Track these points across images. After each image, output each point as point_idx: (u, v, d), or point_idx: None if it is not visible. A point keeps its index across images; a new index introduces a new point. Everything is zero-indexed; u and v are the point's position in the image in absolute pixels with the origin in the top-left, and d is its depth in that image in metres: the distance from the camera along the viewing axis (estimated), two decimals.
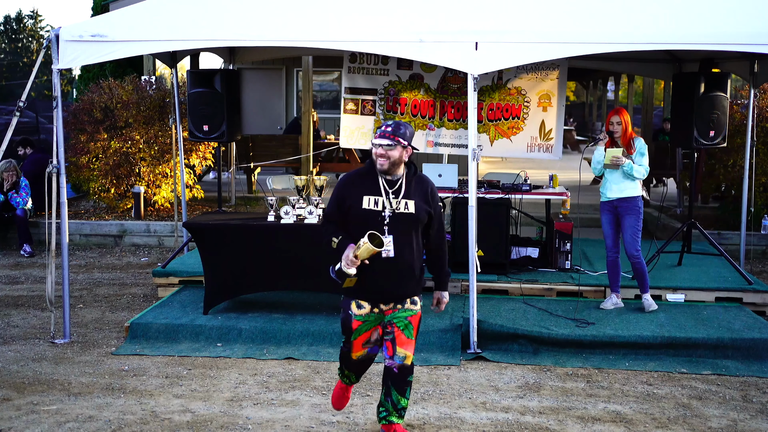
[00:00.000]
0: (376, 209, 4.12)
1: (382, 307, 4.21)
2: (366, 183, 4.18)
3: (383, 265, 4.11)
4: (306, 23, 6.18)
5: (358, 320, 4.22)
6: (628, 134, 6.63)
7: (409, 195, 4.18)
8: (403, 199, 4.16)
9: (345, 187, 4.20)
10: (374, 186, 4.16)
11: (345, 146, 9.53)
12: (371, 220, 4.11)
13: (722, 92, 7.47)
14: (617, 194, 6.59)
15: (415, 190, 4.20)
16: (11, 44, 51.19)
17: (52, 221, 6.11)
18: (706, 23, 5.99)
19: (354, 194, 4.15)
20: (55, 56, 6.06)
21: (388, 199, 4.14)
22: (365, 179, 4.20)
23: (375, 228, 4.07)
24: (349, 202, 4.14)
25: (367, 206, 4.12)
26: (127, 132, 10.49)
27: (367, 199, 4.13)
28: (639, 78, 15.06)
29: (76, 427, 4.61)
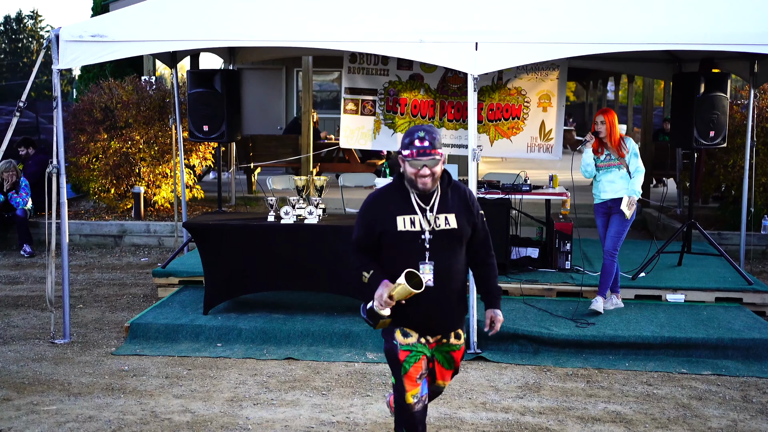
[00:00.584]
0: (414, 230, 3.61)
1: (429, 339, 3.73)
2: (396, 201, 3.67)
3: (428, 294, 3.59)
4: (306, 23, 6.18)
5: (406, 350, 3.68)
6: (616, 135, 6.57)
7: (448, 207, 3.67)
8: (441, 213, 3.65)
9: (373, 210, 3.70)
10: (406, 203, 3.65)
11: (345, 146, 9.54)
12: (410, 243, 3.61)
13: (722, 92, 7.47)
14: (611, 195, 6.57)
15: (453, 201, 3.70)
16: (11, 44, 51.18)
17: (52, 221, 6.11)
18: (706, 23, 5.99)
19: (385, 217, 3.65)
20: (55, 56, 6.06)
21: (425, 217, 3.63)
22: (393, 197, 3.69)
23: (415, 252, 3.60)
24: (381, 226, 3.65)
25: (403, 228, 3.61)
26: (127, 132, 10.49)
27: (402, 220, 3.62)
28: (639, 78, 15.06)
29: (76, 427, 4.61)
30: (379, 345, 6.03)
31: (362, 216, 3.74)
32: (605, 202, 6.62)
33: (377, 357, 5.86)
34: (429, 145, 3.54)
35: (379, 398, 5.09)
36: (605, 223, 6.67)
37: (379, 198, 3.74)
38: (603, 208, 6.66)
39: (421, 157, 3.54)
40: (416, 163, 3.55)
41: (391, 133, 9.10)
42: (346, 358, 5.84)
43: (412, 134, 3.58)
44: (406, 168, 3.59)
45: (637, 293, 7.05)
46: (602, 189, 6.63)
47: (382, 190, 3.77)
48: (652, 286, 7.09)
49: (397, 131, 9.08)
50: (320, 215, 6.54)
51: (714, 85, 7.45)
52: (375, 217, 3.68)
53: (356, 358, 5.84)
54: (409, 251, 3.60)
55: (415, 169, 3.56)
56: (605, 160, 6.60)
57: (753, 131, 7.96)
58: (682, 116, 7.60)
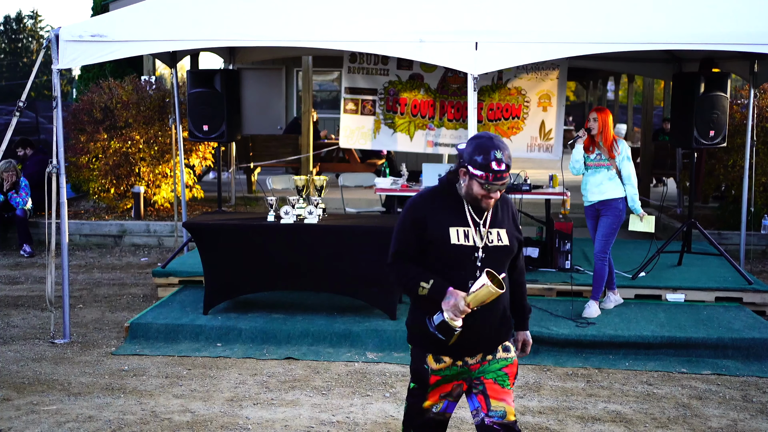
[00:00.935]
0: (467, 244, 3.21)
1: (468, 361, 3.29)
2: (447, 209, 3.26)
3: (470, 316, 3.19)
4: (306, 23, 6.18)
5: (438, 375, 3.30)
6: (609, 135, 6.49)
7: (498, 222, 3.31)
8: (493, 228, 3.29)
9: (423, 214, 3.25)
10: (460, 214, 3.25)
11: (345, 146, 9.54)
12: (462, 259, 3.21)
13: (722, 92, 7.47)
14: (598, 197, 6.52)
15: (503, 215, 3.35)
16: (11, 44, 51.18)
17: (52, 221, 6.11)
18: (706, 23, 5.99)
19: (437, 224, 3.22)
20: (54, 56, 6.06)
21: (478, 231, 3.24)
22: (446, 205, 3.27)
23: (467, 270, 3.21)
24: (432, 234, 3.21)
25: (457, 241, 3.20)
26: (127, 132, 10.49)
27: (455, 232, 3.21)
28: (639, 78, 15.06)
29: (76, 427, 4.61)
30: (379, 345, 6.03)
31: (408, 222, 3.28)
32: (593, 204, 6.58)
33: (377, 357, 5.86)
34: (505, 168, 3.14)
35: (379, 398, 5.09)
36: (595, 226, 6.62)
37: (427, 202, 3.29)
38: (591, 210, 6.62)
39: (496, 182, 3.14)
40: (490, 187, 3.14)
41: (391, 132, 9.10)
42: (346, 358, 5.84)
43: (488, 152, 3.12)
44: (472, 186, 3.17)
45: (637, 293, 7.05)
46: (589, 190, 6.58)
47: (428, 194, 3.33)
48: (652, 286, 7.09)
49: (397, 131, 9.08)
50: (320, 215, 6.54)
51: (714, 84, 7.45)
52: (424, 223, 3.23)
53: (356, 358, 5.84)
54: (460, 268, 3.21)
55: (485, 192, 3.16)
56: (595, 159, 6.54)
57: (753, 131, 7.96)
58: (682, 116, 7.60)
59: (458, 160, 3.27)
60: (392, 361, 5.78)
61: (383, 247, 6.34)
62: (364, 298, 6.46)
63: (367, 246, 6.38)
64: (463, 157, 3.22)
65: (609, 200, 6.46)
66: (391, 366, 5.69)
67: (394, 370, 5.62)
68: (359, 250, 6.37)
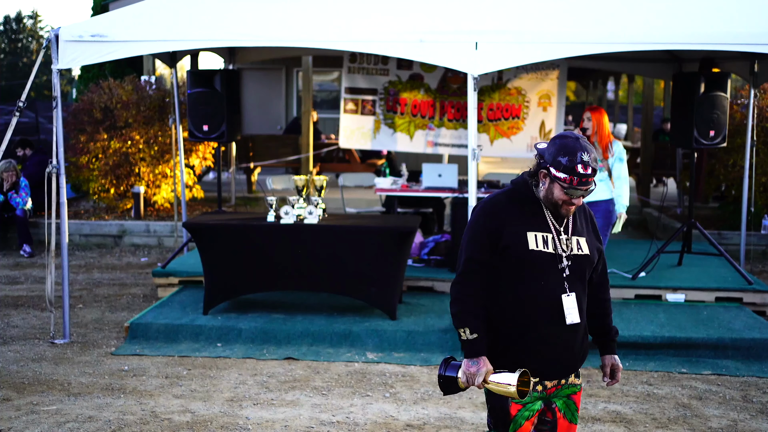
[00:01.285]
0: (547, 251, 2.93)
1: (547, 384, 3.01)
2: (523, 212, 2.98)
3: (560, 331, 2.95)
4: (306, 23, 6.18)
5: (519, 403, 2.98)
6: (605, 136, 6.40)
7: (578, 229, 3.03)
8: (574, 236, 3.01)
9: (497, 217, 2.96)
10: (540, 219, 2.97)
11: (345, 146, 9.54)
12: (545, 267, 2.93)
13: (722, 92, 7.46)
14: (589, 197, 6.47)
15: (581, 222, 3.08)
16: (11, 44, 51.19)
17: (52, 221, 6.11)
18: (706, 23, 5.99)
19: (513, 229, 2.93)
20: (54, 56, 6.06)
21: (559, 239, 2.96)
22: (523, 208, 2.99)
23: (555, 281, 2.93)
24: (507, 239, 2.92)
25: (535, 246, 2.91)
26: (127, 132, 10.49)
27: (534, 237, 2.93)
28: (639, 78, 15.06)
29: (76, 427, 4.61)
30: (379, 345, 6.03)
31: (479, 228, 2.97)
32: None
33: (377, 357, 5.86)
34: (592, 171, 2.86)
35: (379, 398, 5.09)
36: None
37: (501, 204, 3.00)
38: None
39: (581, 187, 2.87)
40: (574, 192, 2.88)
41: (391, 132, 9.10)
42: (346, 358, 5.83)
43: (574, 154, 2.85)
44: (553, 190, 2.91)
45: (637, 293, 7.05)
46: None
47: (501, 197, 3.04)
48: (652, 286, 7.09)
49: (397, 131, 9.09)
50: (320, 215, 6.55)
51: (714, 84, 7.45)
52: (498, 228, 2.93)
53: (356, 358, 5.84)
54: (541, 278, 2.92)
55: (568, 197, 2.90)
56: None
57: (753, 131, 7.95)
58: (682, 116, 7.59)
59: (537, 160, 2.98)
60: (392, 361, 5.78)
61: (383, 247, 6.39)
62: (364, 298, 6.46)
63: (367, 246, 6.38)
64: (543, 157, 2.94)
65: (599, 201, 6.37)
66: (391, 366, 5.69)
67: (394, 370, 5.62)
68: (359, 250, 6.38)
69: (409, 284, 7.26)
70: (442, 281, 7.29)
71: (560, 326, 2.93)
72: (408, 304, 6.80)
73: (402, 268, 6.61)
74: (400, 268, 6.52)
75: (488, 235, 2.94)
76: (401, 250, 6.46)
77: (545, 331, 2.93)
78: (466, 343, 2.92)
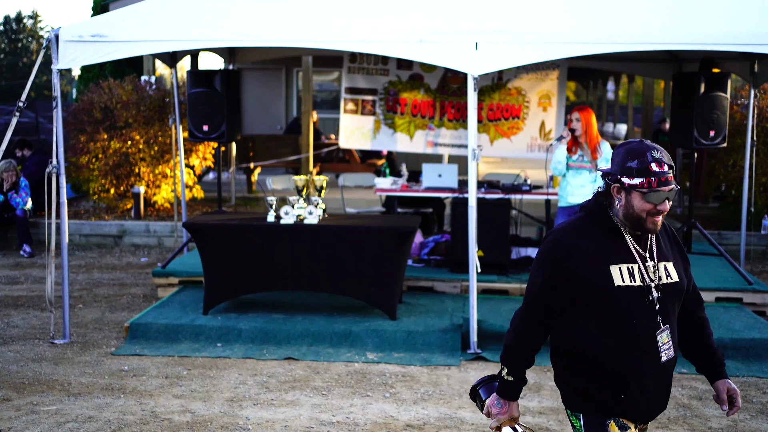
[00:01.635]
0: (635, 284, 2.57)
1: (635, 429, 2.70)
2: (604, 243, 2.61)
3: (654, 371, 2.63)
4: (306, 23, 6.18)
5: None
6: (594, 137, 6.37)
7: (664, 253, 2.68)
8: (660, 262, 2.64)
9: (572, 252, 2.60)
10: (621, 247, 2.61)
11: (345, 146, 9.55)
12: (632, 304, 2.56)
13: (722, 92, 7.47)
14: (579, 199, 6.34)
15: (665, 244, 2.72)
16: (11, 44, 51.19)
17: (52, 221, 6.11)
18: (706, 23, 5.99)
19: (592, 264, 2.57)
20: (54, 56, 6.05)
21: (645, 267, 2.60)
22: (600, 237, 2.62)
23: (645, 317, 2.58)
24: (587, 276, 2.57)
25: (622, 282, 2.56)
26: (127, 132, 10.49)
27: (618, 270, 2.57)
28: (639, 78, 15.07)
29: (76, 427, 4.61)
30: (379, 345, 6.03)
31: (548, 264, 2.66)
32: (572, 206, 6.42)
33: (377, 357, 5.86)
34: (668, 168, 2.53)
35: (379, 398, 5.09)
36: None
37: (575, 237, 2.63)
38: (569, 211, 6.46)
39: (662, 187, 2.51)
40: (655, 196, 2.52)
41: (391, 133, 9.10)
42: (346, 358, 5.83)
43: (644, 154, 2.53)
44: (632, 202, 2.55)
45: None
46: (570, 192, 6.44)
47: (573, 226, 2.67)
48: None
49: (397, 131, 9.09)
50: (320, 215, 6.55)
51: (714, 84, 7.45)
52: (572, 264, 2.59)
53: (356, 358, 5.84)
54: (630, 317, 2.56)
55: (651, 205, 2.53)
56: (577, 160, 6.42)
57: (753, 131, 7.95)
58: (682, 116, 7.59)
59: (603, 181, 2.66)
60: (392, 361, 5.78)
61: (383, 247, 6.39)
62: (364, 298, 6.46)
63: (367, 246, 6.38)
64: (610, 173, 2.61)
65: None
66: (391, 366, 5.69)
67: (394, 370, 5.62)
68: (359, 250, 6.37)
69: (409, 284, 7.26)
70: (442, 281, 7.30)
71: (655, 365, 2.60)
72: (408, 304, 6.80)
73: (402, 268, 6.61)
74: (400, 268, 6.52)
75: (561, 273, 2.60)
76: (401, 250, 6.46)
77: (637, 374, 2.59)
78: (501, 381, 2.72)
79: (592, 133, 6.37)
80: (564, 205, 6.51)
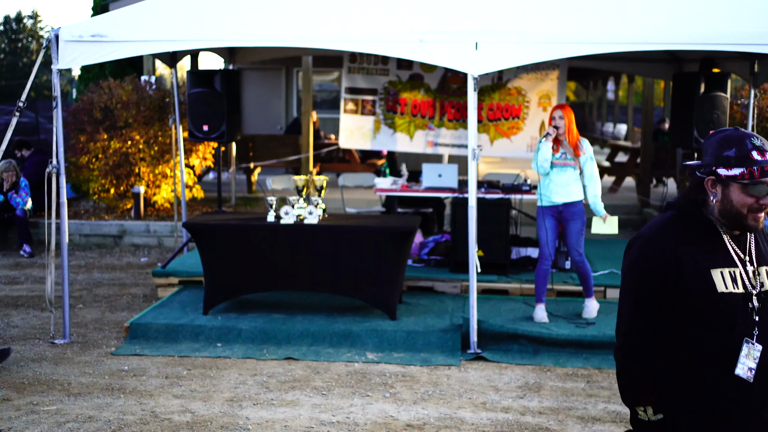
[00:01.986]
0: (737, 291, 2.29)
1: None
2: (702, 244, 2.33)
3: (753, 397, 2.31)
4: (306, 23, 6.18)
5: None
6: (575, 134, 6.32)
7: (763, 257, 2.40)
8: (760, 266, 2.37)
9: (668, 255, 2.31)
10: (721, 249, 2.33)
11: (345, 146, 9.55)
12: (732, 313, 2.29)
13: (722, 92, 7.46)
14: (564, 198, 6.26)
15: (765, 246, 2.43)
16: (11, 44, 51.18)
17: (52, 221, 6.11)
18: (706, 23, 5.99)
19: (691, 267, 2.29)
20: (54, 56, 6.06)
21: (746, 272, 2.32)
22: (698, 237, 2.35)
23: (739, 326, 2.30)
24: (686, 281, 2.28)
25: (725, 288, 2.29)
26: (127, 132, 10.49)
27: (721, 276, 2.29)
28: (639, 78, 15.07)
29: (76, 427, 4.61)
30: (379, 345, 6.03)
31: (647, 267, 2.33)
32: (556, 206, 6.31)
33: (377, 357, 5.86)
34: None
35: (379, 398, 5.09)
36: (553, 227, 6.35)
37: (671, 237, 2.34)
38: (552, 211, 6.34)
39: (765, 178, 2.23)
40: (758, 188, 2.25)
41: (391, 132, 9.10)
42: (346, 358, 5.83)
43: (742, 140, 2.28)
44: (731, 196, 2.29)
45: None
46: (553, 191, 6.29)
47: (665, 226, 2.38)
48: None
49: (397, 131, 9.09)
50: (320, 215, 6.55)
51: (714, 84, 7.45)
52: (673, 265, 2.29)
53: (356, 358, 5.84)
54: (729, 326, 2.29)
55: (753, 198, 2.26)
56: (560, 158, 6.30)
57: (753, 131, 7.96)
58: (682, 116, 7.59)
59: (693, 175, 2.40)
60: (392, 361, 5.78)
61: (383, 247, 6.39)
62: (364, 298, 6.46)
63: (367, 246, 6.38)
64: (703, 165, 2.35)
65: (575, 202, 6.28)
66: (391, 366, 5.69)
67: (394, 370, 5.62)
68: (359, 250, 6.38)
69: (409, 284, 7.26)
70: (442, 281, 7.30)
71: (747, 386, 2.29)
72: (408, 304, 6.80)
73: (402, 268, 6.61)
74: (400, 268, 6.52)
75: (659, 280, 2.30)
76: (401, 250, 6.46)
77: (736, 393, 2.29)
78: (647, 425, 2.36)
79: (573, 130, 6.29)
80: (547, 204, 6.33)
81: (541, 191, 6.39)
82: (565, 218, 6.33)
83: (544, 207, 6.35)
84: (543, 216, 6.36)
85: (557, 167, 6.32)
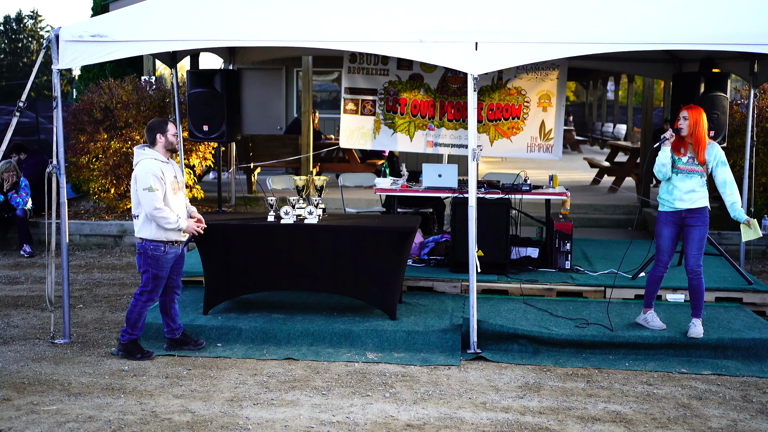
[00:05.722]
0: None
1: None
2: None
3: None
4: (306, 23, 6.18)
5: None
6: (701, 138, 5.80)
7: None
8: None
9: None
10: None
11: (345, 146, 9.54)
12: None
13: (722, 92, 7.47)
14: (688, 205, 5.90)
15: None
16: (11, 44, 51.19)
17: (52, 221, 6.11)
18: (706, 23, 5.99)
19: None
20: (55, 56, 6.06)
21: None
22: None
23: None
24: None
25: None
26: (127, 132, 10.50)
27: None
28: (639, 78, 15.07)
29: (76, 427, 4.61)
30: (379, 345, 6.03)
31: None
32: (679, 211, 5.94)
33: (377, 357, 5.86)
34: None
35: (379, 398, 5.09)
36: (674, 235, 5.99)
37: None
38: (674, 217, 5.96)
39: None
40: None
41: (391, 133, 9.10)
42: (346, 358, 5.84)
43: None
44: None
45: (637, 293, 7.05)
46: (677, 197, 5.91)
47: None
48: None
49: (397, 131, 9.09)
50: (320, 215, 6.55)
51: (714, 85, 7.46)
52: None
53: (356, 358, 5.84)
54: None
55: None
56: (687, 163, 5.89)
57: (753, 131, 7.96)
58: None
59: None
60: (392, 362, 5.78)
61: (383, 247, 6.39)
62: (364, 298, 6.46)
63: (367, 246, 6.38)
64: None
65: (700, 209, 5.94)
66: (391, 366, 5.70)
67: (394, 370, 5.62)
68: (359, 250, 6.38)
69: (409, 284, 7.26)
70: (442, 281, 7.30)
71: None
72: (408, 304, 6.80)
73: (402, 268, 6.61)
74: (400, 268, 6.52)
75: None
76: (401, 250, 6.47)
77: None
78: None
79: (699, 133, 5.82)
80: (668, 209, 5.96)
81: (662, 195, 6.05)
82: (688, 225, 5.96)
83: (666, 213, 6.00)
84: (663, 222, 6.01)
85: (682, 173, 5.91)
